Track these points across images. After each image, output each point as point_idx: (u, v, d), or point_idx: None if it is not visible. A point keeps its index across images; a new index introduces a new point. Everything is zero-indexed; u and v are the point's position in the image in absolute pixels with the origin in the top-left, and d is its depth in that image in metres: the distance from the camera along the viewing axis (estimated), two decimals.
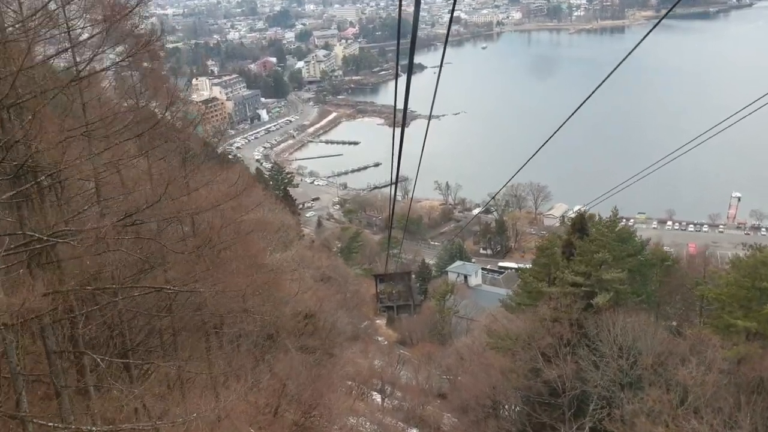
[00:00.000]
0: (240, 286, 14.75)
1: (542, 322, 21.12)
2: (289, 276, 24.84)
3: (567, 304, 20.94)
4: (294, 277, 25.51)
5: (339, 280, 45.77)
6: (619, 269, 22.89)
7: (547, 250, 25.60)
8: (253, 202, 23.27)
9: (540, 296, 24.04)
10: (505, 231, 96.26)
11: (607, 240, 22.83)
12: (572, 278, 21.87)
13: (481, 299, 54.26)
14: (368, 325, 50.70)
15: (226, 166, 28.61)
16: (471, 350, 32.60)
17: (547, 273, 25.15)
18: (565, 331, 20.33)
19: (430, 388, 37.59)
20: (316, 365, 25.53)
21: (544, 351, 20.56)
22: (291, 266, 24.07)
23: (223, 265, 15.50)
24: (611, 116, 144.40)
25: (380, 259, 76.63)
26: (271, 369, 19.66)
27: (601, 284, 22.08)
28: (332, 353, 30.52)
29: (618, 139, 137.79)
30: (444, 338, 50.35)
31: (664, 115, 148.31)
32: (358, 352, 34.90)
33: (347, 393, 30.53)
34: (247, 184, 19.64)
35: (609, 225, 24.74)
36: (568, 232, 25.22)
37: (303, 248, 42.46)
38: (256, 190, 31.85)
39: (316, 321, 31.53)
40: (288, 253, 23.13)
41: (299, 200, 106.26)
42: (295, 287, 24.26)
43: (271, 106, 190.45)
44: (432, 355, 41.05)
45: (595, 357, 19.87)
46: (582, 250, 22.72)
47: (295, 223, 46.99)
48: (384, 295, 68.52)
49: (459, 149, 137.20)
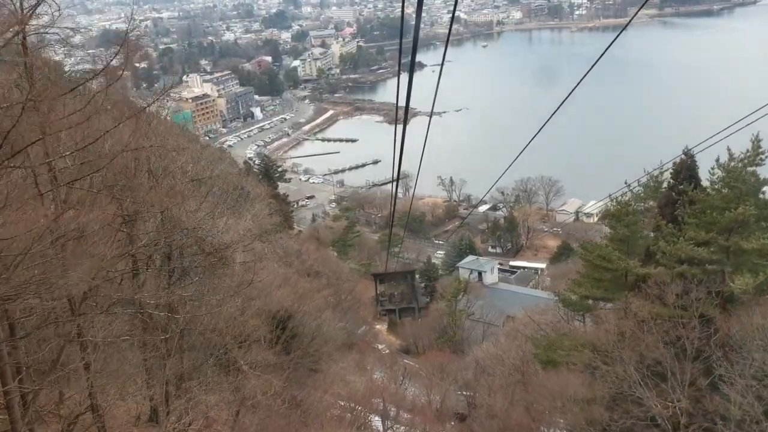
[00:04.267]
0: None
1: (639, 323, 13.42)
2: (239, 253, 17.09)
3: (682, 293, 13.25)
4: (248, 259, 17.73)
5: (330, 275, 37.96)
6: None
7: (627, 217, 17.62)
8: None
9: (619, 284, 16.30)
10: (515, 228, 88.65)
11: (746, 187, 14.50)
12: (687, 250, 14.04)
13: (498, 300, 46.43)
14: (366, 330, 42.93)
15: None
16: (502, 362, 24.78)
17: (627, 251, 17.42)
18: (689, 334, 12.67)
19: (444, 407, 29.96)
20: (288, 387, 17.85)
21: (650, 367, 12.86)
22: (242, 240, 16.28)
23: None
24: (626, 111, 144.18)
25: (380, 258, 69.21)
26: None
27: (737, 258, 14.36)
28: (317, 368, 22.84)
29: (631, 134, 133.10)
30: (456, 345, 42.68)
31: (676, 108, 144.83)
32: (353, 364, 27.05)
33: (338, 420, 22.86)
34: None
35: (748, 158, 15.28)
36: (668, 184, 17.14)
37: (287, 238, 34.82)
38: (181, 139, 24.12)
39: (297, 325, 23.85)
40: (241, 222, 15.63)
41: (293, 198, 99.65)
42: (244, 270, 16.62)
43: (266, 104, 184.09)
44: (445, 366, 33.25)
45: (733, 377, 12.15)
46: (702, 206, 14.78)
47: (265, 193, 38.84)
48: (384, 296, 61.00)
49: (462, 145, 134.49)
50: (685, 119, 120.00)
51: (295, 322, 24.09)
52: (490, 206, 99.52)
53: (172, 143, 15.20)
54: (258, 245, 17.43)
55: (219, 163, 28.87)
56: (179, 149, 14.49)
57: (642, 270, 15.82)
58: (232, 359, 14.71)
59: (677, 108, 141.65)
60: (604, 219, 19.03)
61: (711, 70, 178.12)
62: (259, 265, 19.44)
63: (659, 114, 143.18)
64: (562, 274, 64.89)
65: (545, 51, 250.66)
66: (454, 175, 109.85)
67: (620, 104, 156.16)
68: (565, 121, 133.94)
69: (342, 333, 29.33)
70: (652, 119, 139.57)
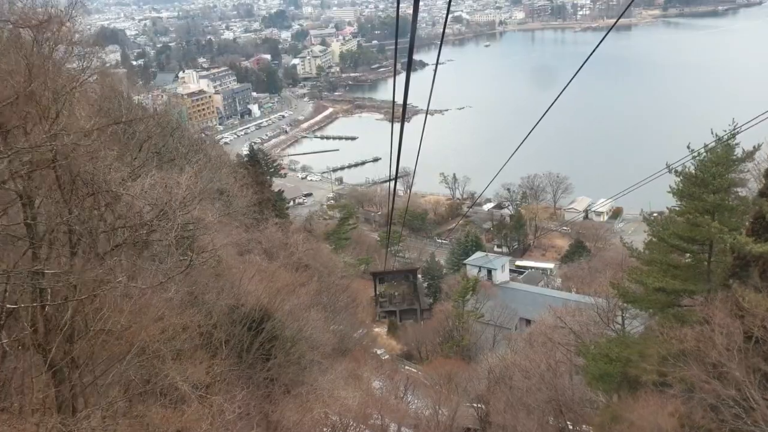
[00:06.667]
0: None
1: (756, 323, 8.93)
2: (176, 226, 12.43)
3: None
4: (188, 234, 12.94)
5: (321, 270, 33.40)
6: None
7: (717, 181, 12.98)
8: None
9: (700, 272, 11.78)
10: (522, 226, 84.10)
11: None
12: None
13: (511, 300, 41.80)
14: (364, 334, 38.39)
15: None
16: (526, 374, 20.20)
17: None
18: None
19: (453, 423, 25.46)
20: (260, 405, 13.31)
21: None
22: (182, 206, 11.63)
23: None
24: (634, 109, 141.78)
25: (380, 256, 64.78)
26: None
27: None
28: (300, 380, 18.34)
29: (640, 132, 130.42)
30: (464, 351, 38.19)
31: (683, 106, 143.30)
32: (347, 374, 22.50)
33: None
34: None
35: None
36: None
37: (272, 227, 30.27)
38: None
39: (275, 325, 19.35)
40: (182, 179, 11.21)
41: (289, 196, 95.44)
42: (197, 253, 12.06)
43: (263, 102, 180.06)
44: (453, 375, 28.74)
45: None
46: None
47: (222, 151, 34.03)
48: (384, 297, 56.24)
49: (465, 143, 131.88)
50: (692, 117, 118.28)
51: (274, 322, 19.59)
52: (495, 204, 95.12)
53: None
54: (209, 214, 12.96)
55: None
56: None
57: (759, 247, 11.29)
58: (162, 373, 10.21)
59: (685, 106, 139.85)
60: (678, 191, 14.64)
61: (717, 69, 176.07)
62: (208, 237, 14.74)
63: (667, 112, 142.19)
64: (575, 275, 60.65)
65: (548, 50, 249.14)
66: (457, 172, 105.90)
67: (629, 102, 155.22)
68: (575, 119, 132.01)
69: (333, 337, 24.85)
70: (659, 117, 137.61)
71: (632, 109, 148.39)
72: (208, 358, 15.15)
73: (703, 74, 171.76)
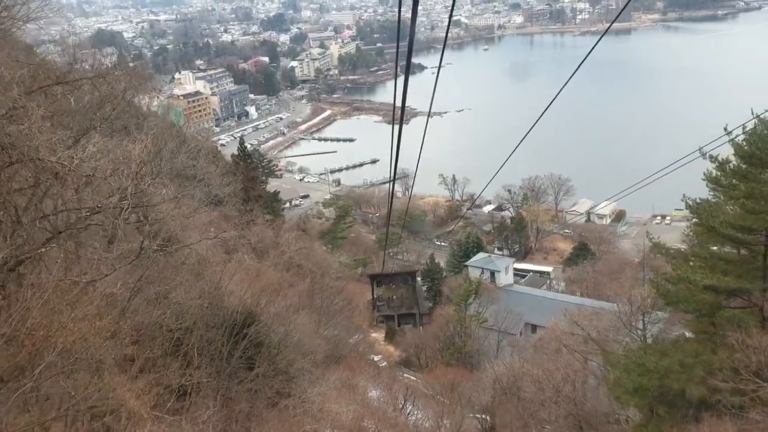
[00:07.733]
0: None
1: None
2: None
3: None
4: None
5: (314, 270, 31.26)
6: None
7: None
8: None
9: (754, 267, 9.79)
10: (524, 228, 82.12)
11: None
12: None
13: (515, 304, 39.65)
14: (360, 339, 36.23)
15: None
16: (539, 385, 18.11)
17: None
18: None
19: None
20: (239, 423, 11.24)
21: None
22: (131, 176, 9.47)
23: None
24: (636, 112, 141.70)
25: (378, 258, 62.75)
26: None
27: None
28: (286, 390, 16.26)
29: (642, 136, 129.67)
30: (466, 358, 36.09)
31: (683, 109, 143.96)
32: (340, 384, 20.41)
33: None
34: None
35: None
36: None
37: (261, 224, 28.22)
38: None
39: (260, 329, 17.25)
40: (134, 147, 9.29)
41: (286, 197, 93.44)
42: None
43: (261, 103, 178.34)
44: (456, 385, 26.63)
45: None
46: None
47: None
48: (382, 300, 54.17)
49: (464, 145, 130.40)
50: (691, 120, 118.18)
51: (259, 327, 17.49)
52: (495, 206, 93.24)
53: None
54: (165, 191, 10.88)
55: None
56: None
57: None
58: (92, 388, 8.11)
59: (685, 108, 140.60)
60: (715, 179, 12.67)
61: (716, 73, 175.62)
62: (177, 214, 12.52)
63: (664, 116, 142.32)
64: (580, 278, 58.71)
65: (547, 54, 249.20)
66: (456, 173, 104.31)
67: (628, 105, 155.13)
68: (575, 121, 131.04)
69: (326, 343, 22.75)
70: (657, 121, 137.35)
71: (632, 111, 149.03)
72: (178, 368, 13.08)
73: (700, 79, 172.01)
